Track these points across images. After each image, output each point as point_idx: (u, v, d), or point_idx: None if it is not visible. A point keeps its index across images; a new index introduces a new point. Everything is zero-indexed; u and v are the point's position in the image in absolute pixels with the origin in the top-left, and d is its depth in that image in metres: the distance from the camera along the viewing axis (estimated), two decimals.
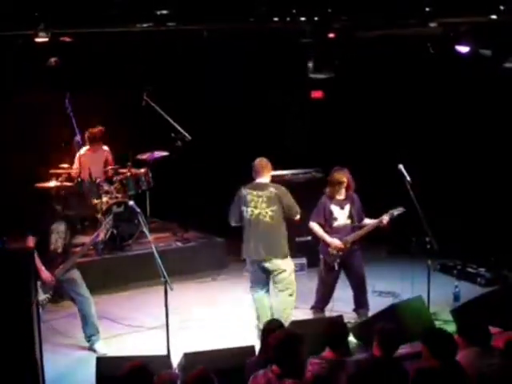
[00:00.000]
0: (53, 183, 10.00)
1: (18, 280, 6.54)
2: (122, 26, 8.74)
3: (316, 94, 12.50)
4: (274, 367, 5.46)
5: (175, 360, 6.98)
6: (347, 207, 8.63)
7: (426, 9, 8.51)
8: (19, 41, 8.99)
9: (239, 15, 8.66)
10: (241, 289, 8.79)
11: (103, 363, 6.75)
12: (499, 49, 9.09)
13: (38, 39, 8.55)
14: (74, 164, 10.55)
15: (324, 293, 8.75)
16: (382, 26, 9.35)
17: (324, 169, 9.05)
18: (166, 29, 8.83)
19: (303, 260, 10.69)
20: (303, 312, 8.89)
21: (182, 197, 11.20)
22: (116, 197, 10.40)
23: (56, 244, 8.01)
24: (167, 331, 7.29)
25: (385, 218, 8.49)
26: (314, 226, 8.65)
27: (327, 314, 8.63)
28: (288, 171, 11.07)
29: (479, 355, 5.76)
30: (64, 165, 10.52)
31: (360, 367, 5.77)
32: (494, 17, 8.38)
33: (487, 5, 8.24)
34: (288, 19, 8.95)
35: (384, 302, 8.62)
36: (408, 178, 8.57)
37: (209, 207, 10.74)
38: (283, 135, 12.72)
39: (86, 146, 10.65)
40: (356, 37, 9.96)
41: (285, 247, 8.24)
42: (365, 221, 8.72)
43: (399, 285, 9.48)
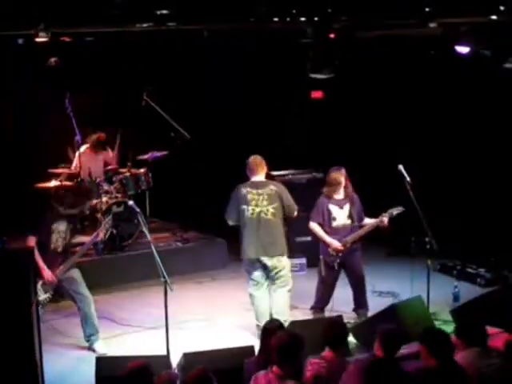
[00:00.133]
0: (52, 183, 10.01)
1: (18, 280, 6.54)
2: (122, 26, 8.74)
3: (316, 95, 12.50)
4: (275, 368, 5.45)
5: (175, 360, 6.98)
6: (346, 207, 8.62)
7: (426, 9, 8.51)
8: (19, 41, 8.99)
9: (239, 15, 8.66)
10: (240, 289, 8.79)
11: (103, 363, 6.75)
12: (499, 49, 9.09)
13: (38, 39, 8.55)
14: (74, 163, 10.53)
15: (324, 293, 8.75)
16: (382, 27, 9.35)
17: (324, 169, 9.03)
18: (166, 29, 8.84)
19: (303, 260, 10.69)
20: (303, 312, 8.90)
21: (182, 197, 11.21)
22: (116, 196, 10.41)
23: (56, 243, 8.01)
24: (167, 331, 7.28)
25: (384, 218, 8.49)
26: (315, 227, 8.65)
27: (327, 314, 8.62)
28: (288, 171, 11.08)
29: (479, 355, 5.76)
30: (63, 164, 10.52)
31: (361, 367, 5.77)
32: (494, 17, 8.38)
33: (487, 5, 8.24)
34: (288, 19, 8.95)
35: (384, 302, 8.61)
36: (408, 179, 8.56)
37: (209, 207, 10.73)
38: (283, 135, 12.73)
39: (86, 146, 10.64)
40: (356, 37, 9.95)
41: (284, 244, 8.34)
42: (365, 221, 8.72)
43: (399, 285, 9.50)
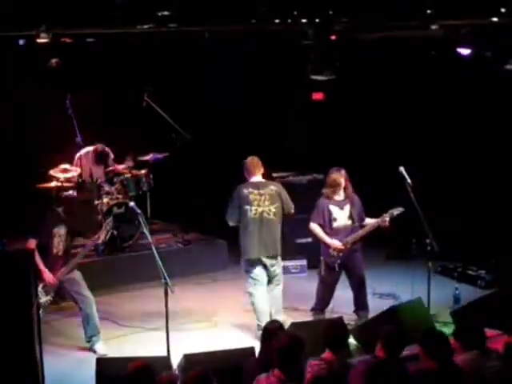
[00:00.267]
0: (53, 184, 9.99)
1: (19, 281, 6.55)
2: (123, 27, 8.75)
3: (317, 96, 12.49)
4: (276, 372, 5.45)
5: (175, 361, 6.98)
6: (347, 208, 8.62)
7: (428, 11, 8.52)
8: (20, 41, 9.00)
9: (240, 17, 8.67)
10: (241, 290, 8.78)
11: (103, 364, 6.75)
12: (500, 51, 9.09)
13: (40, 40, 8.57)
14: (74, 165, 10.52)
15: (324, 294, 8.74)
16: (384, 28, 9.35)
17: (324, 170, 9.03)
18: (167, 30, 8.85)
19: (303, 261, 10.69)
20: (303, 314, 8.90)
21: (183, 198, 11.21)
22: (117, 198, 10.40)
23: (58, 247, 8.02)
24: (167, 332, 7.28)
25: (385, 218, 8.49)
26: (315, 228, 8.65)
27: (327, 316, 8.61)
28: (289, 173, 11.07)
29: (478, 358, 5.76)
30: (64, 165, 10.51)
31: (365, 368, 5.76)
32: (495, 19, 8.39)
33: (488, 7, 8.25)
34: (289, 21, 8.97)
35: (384, 304, 8.61)
36: (409, 180, 8.55)
37: (210, 209, 10.73)
38: (283, 136, 12.72)
39: (87, 149, 10.63)
40: (357, 39, 9.96)
41: (280, 244, 8.50)
42: (365, 221, 8.72)
43: (399, 287, 9.49)
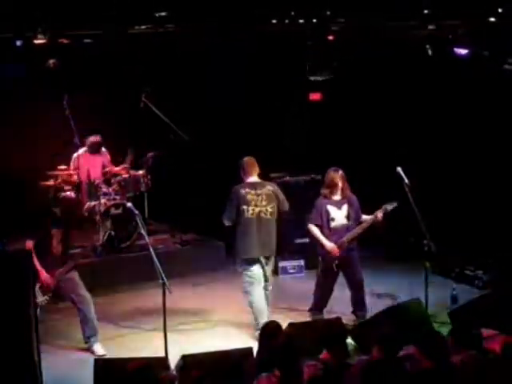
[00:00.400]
0: (51, 182, 10.02)
1: (17, 282, 6.55)
2: (121, 28, 8.75)
3: (314, 97, 12.48)
4: (277, 372, 5.45)
5: (173, 362, 6.97)
6: (344, 207, 8.63)
7: (425, 11, 8.53)
8: (18, 42, 8.99)
9: (239, 17, 8.68)
10: (239, 290, 8.77)
11: (101, 365, 6.75)
12: (498, 51, 9.10)
13: (37, 41, 8.56)
14: (71, 165, 10.51)
15: (322, 294, 8.75)
16: (381, 28, 9.36)
17: (322, 170, 9.04)
18: (165, 30, 8.85)
19: (301, 262, 10.70)
20: (301, 314, 8.90)
21: (181, 199, 11.20)
22: (114, 198, 10.39)
23: (57, 248, 8.02)
24: (165, 333, 7.29)
25: (379, 214, 8.50)
26: (312, 228, 8.65)
27: (325, 316, 8.62)
28: (287, 173, 11.07)
29: (476, 358, 5.76)
30: (62, 166, 10.52)
31: (362, 368, 5.77)
32: (493, 19, 8.41)
33: (486, 7, 8.27)
34: (287, 21, 8.98)
35: (382, 304, 8.63)
36: (406, 181, 8.56)
37: (208, 209, 10.73)
38: (282, 136, 12.72)
39: (84, 148, 10.62)
40: (354, 39, 9.96)
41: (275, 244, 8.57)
42: (362, 218, 8.74)
43: (397, 287, 9.50)
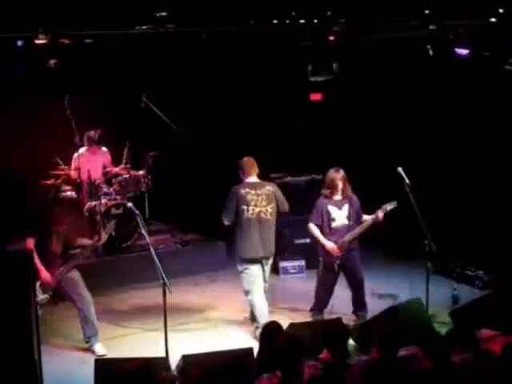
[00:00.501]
0: (53, 180, 10.04)
1: (18, 282, 6.55)
2: (122, 28, 8.75)
3: (315, 97, 12.48)
4: (279, 372, 5.45)
5: (173, 362, 6.98)
6: (345, 208, 8.63)
7: (426, 11, 8.53)
8: (19, 42, 8.99)
9: (239, 17, 8.67)
10: (240, 291, 8.77)
11: (102, 365, 6.75)
12: (499, 51, 9.09)
13: (38, 41, 8.56)
14: (72, 164, 10.51)
15: (323, 295, 8.75)
16: (382, 29, 9.36)
17: (323, 170, 9.04)
18: (166, 31, 8.84)
19: (302, 262, 10.70)
20: (302, 314, 8.91)
21: (181, 199, 11.20)
22: (115, 198, 10.40)
23: (56, 247, 8.01)
24: (165, 333, 7.29)
25: (380, 213, 8.50)
26: (312, 228, 8.66)
27: (326, 316, 8.63)
28: (288, 173, 11.07)
29: (475, 358, 5.77)
30: (63, 166, 10.52)
31: (362, 368, 5.77)
32: (494, 19, 8.40)
33: (487, 7, 8.27)
34: (288, 21, 8.97)
35: (383, 305, 8.61)
36: (407, 181, 8.56)
37: (208, 209, 10.73)
38: (283, 136, 12.71)
39: (85, 148, 10.63)
40: (355, 39, 9.96)
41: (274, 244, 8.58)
42: (362, 218, 8.73)
43: (398, 287, 9.49)
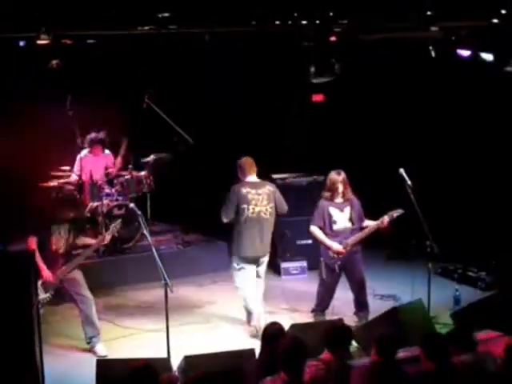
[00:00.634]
0: (53, 183, 10.05)
1: (19, 282, 6.55)
2: (124, 29, 8.75)
3: (317, 98, 12.47)
4: (283, 374, 5.45)
5: (175, 363, 6.97)
6: (347, 210, 8.63)
7: (428, 12, 8.52)
8: (21, 43, 9.00)
9: (241, 18, 8.67)
10: None
11: (103, 365, 6.74)
12: (501, 53, 9.08)
13: (40, 41, 8.56)
14: (75, 166, 10.55)
15: (324, 296, 8.76)
16: (383, 30, 9.35)
17: (324, 172, 9.04)
18: (168, 31, 8.85)
19: (304, 263, 10.70)
20: (304, 315, 8.91)
21: (184, 199, 11.20)
22: (117, 199, 10.41)
23: (57, 245, 7.99)
24: (167, 334, 7.29)
25: (385, 220, 8.50)
26: (315, 230, 8.66)
27: (328, 317, 8.63)
28: (289, 174, 11.08)
29: (476, 359, 5.77)
30: (65, 167, 10.54)
31: (364, 370, 5.77)
32: (496, 20, 8.39)
33: (488, 8, 8.26)
34: (289, 22, 8.96)
35: (385, 306, 8.61)
36: (409, 182, 8.55)
37: (210, 210, 10.72)
38: (284, 137, 12.71)
39: (87, 149, 10.64)
40: (357, 40, 9.95)
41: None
42: (365, 223, 8.72)
43: (400, 288, 9.50)
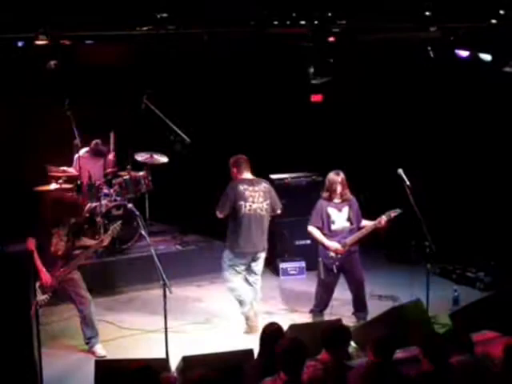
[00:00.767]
0: (52, 186, 10.05)
1: (18, 283, 6.55)
2: (122, 29, 8.74)
3: (316, 98, 12.46)
4: (282, 375, 5.45)
5: (174, 363, 6.96)
6: (345, 210, 8.63)
7: (426, 13, 8.52)
8: (19, 43, 8.98)
9: (240, 18, 8.67)
10: None
11: (102, 366, 6.73)
12: (499, 53, 9.09)
13: (38, 42, 8.56)
14: (73, 167, 10.55)
15: (323, 296, 8.76)
16: (382, 30, 9.35)
17: (323, 172, 9.05)
18: (166, 32, 8.84)
19: (302, 263, 10.70)
20: (302, 315, 8.92)
21: (182, 200, 11.19)
22: (115, 200, 10.41)
23: (56, 247, 7.99)
24: (166, 334, 7.29)
25: (383, 219, 8.50)
26: (313, 230, 8.67)
27: (326, 318, 8.63)
28: (288, 175, 11.08)
29: (474, 360, 5.77)
30: (63, 167, 10.54)
31: (361, 371, 5.77)
32: (494, 21, 8.40)
33: (487, 9, 8.26)
34: (288, 23, 8.96)
35: (383, 306, 8.61)
36: (407, 183, 8.56)
37: (209, 210, 10.72)
38: (283, 137, 12.70)
39: (85, 149, 10.64)
40: (356, 41, 9.95)
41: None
42: (363, 223, 8.73)
43: (398, 288, 9.50)
